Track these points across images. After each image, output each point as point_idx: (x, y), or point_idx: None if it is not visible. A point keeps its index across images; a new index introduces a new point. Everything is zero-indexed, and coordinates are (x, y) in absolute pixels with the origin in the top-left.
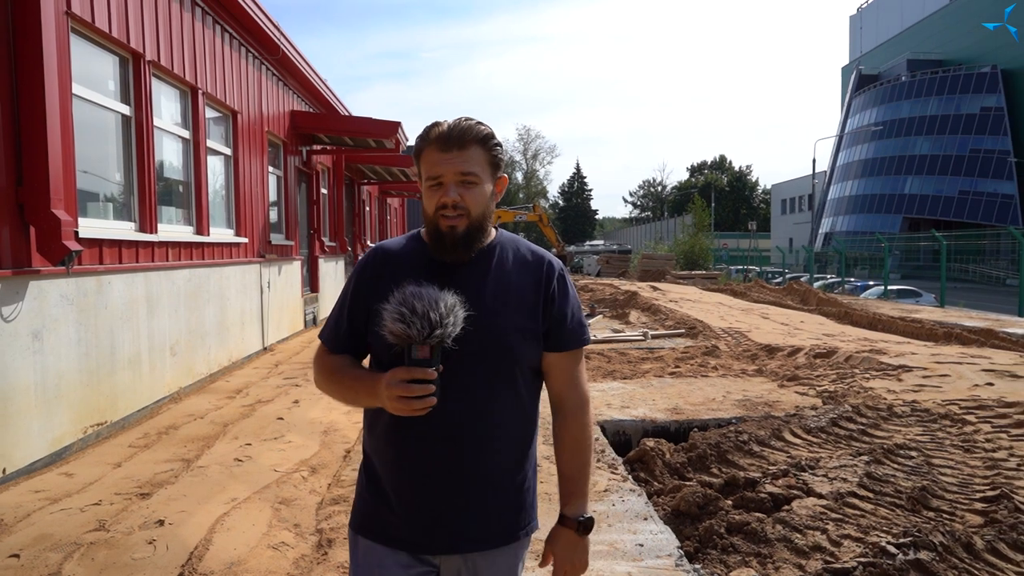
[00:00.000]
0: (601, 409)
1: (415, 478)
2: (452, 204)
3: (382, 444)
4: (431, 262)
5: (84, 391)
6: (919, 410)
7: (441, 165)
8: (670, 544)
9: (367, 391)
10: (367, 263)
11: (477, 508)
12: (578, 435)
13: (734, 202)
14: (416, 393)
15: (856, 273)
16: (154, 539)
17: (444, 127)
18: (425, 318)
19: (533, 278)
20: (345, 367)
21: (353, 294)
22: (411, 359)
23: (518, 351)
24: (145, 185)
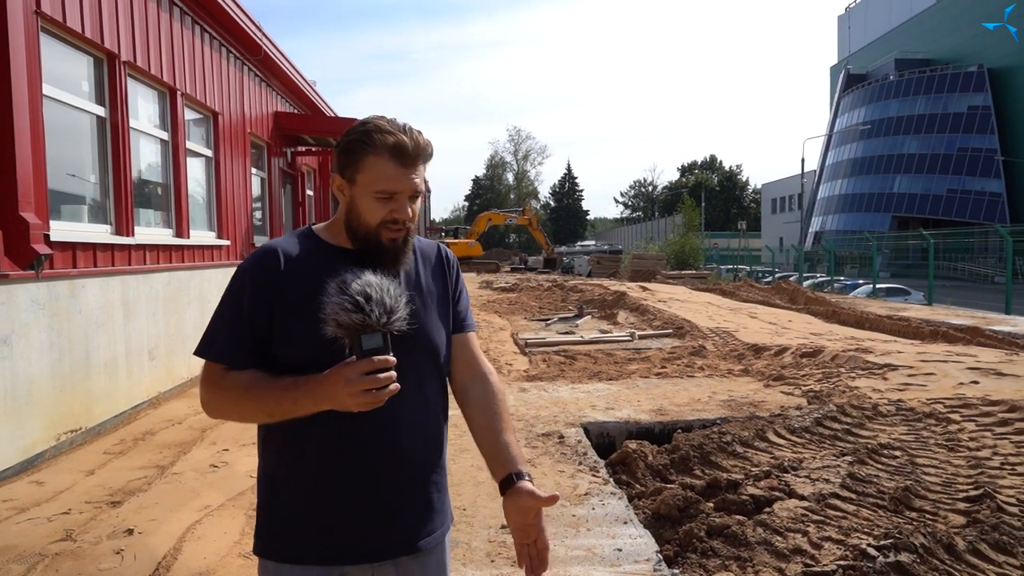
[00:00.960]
0: (585, 411)
1: (351, 488)
2: (404, 221)
3: (310, 460)
4: (337, 259)
5: (57, 397)
6: (904, 409)
7: (400, 181)
8: (649, 549)
9: (310, 397)
10: (260, 265)
11: (419, 507)
12: (500, 398)
13: (725, 202)
14: (382, 383)
15: (846, 272)
16: (122, 549)
17: (402, 139)
18: (381, 304)
19: (437, 269)
20: (265, 380)
21: (250, 300)
22: (363, 350)
23: (441, 342)
24: (121, 187)
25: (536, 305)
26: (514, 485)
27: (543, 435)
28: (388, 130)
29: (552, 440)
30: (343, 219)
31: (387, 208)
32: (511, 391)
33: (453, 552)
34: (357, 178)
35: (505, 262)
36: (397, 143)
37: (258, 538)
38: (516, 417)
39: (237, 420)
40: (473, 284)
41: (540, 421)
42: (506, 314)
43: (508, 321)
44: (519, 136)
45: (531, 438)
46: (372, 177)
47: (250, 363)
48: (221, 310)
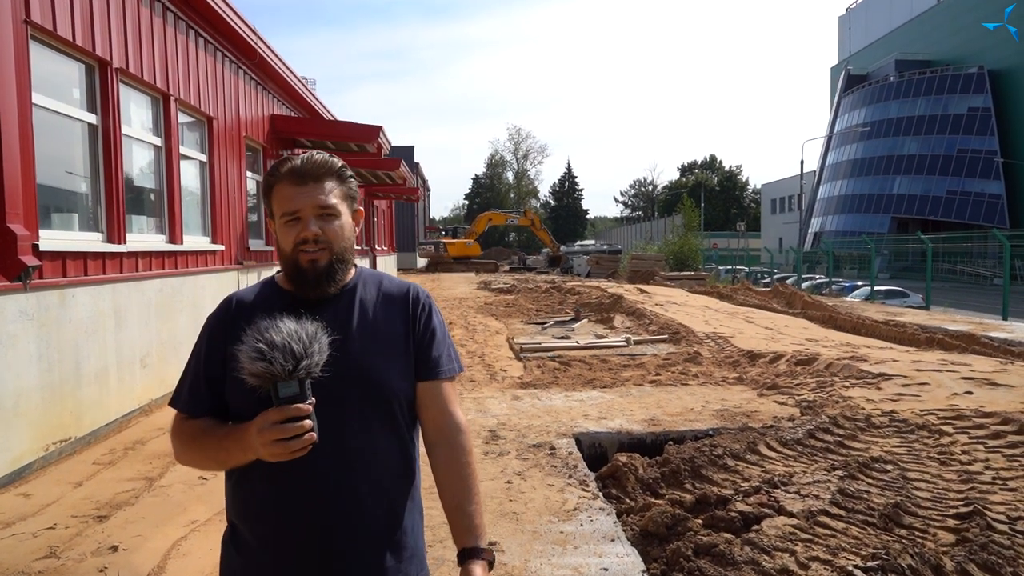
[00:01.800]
0: (578, 420)
1: (297, 541)
2: (313, 238)
3: (255, 508)
4: (287, 303)
5: (46, 407)
6: (897, 420)
7: (297, 199)
8: (635, 568)
9: (239, 446)
10: (217, 315)
11: (368, 567)
12: (464, 461)
13: (724, 202)
14: (293, 433)
15: (845, 273)
16: (105, 567)
17: (296, 162)
18: (287, 350)
19: (400, 310)
20: (210, 429)
21: (206, 349)
22: (279, 398)
23: (392, 385)
24: (113, 195)
25: (533, 308)
26: (465, 562)
27: (534, 446)
28: (287, 159)
29: (543, 452)
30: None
31: (296, 230)
32: (505, 399)
33: (438, 571)
34: (274, 211)
35: (504, 261)
36: (291, 167)
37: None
38: (508, 427)
39: (199, 468)
40: (471, 284)
41: (532, 431)
42: (503, 317)
43: (504, 324)
44: (519, 135)
45: (522, 449)
46: (278, 204)
47: (205, 412)
48: (188, 361)
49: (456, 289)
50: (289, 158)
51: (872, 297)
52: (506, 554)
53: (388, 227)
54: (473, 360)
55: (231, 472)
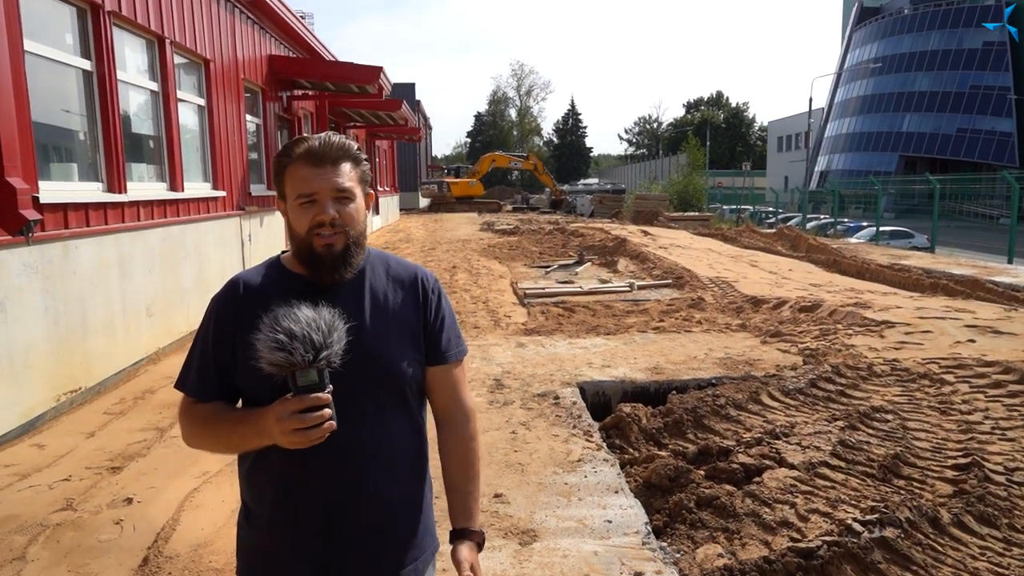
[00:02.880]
0: (582, 368)
1: (313, 524)
2: (330, 222)
3: (271, 491)
4: (298, 288)
5: (55, 359)
6: (899, 369)
7: (314, 181)
8: (638, 520)
9: (254, 431)
10: (222, 298)
11: (384, 544)
12: (468, 446)
13: (730, 139)
14: (313, 422)
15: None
16: (121, 519)
17: (313, 143)
18: (307, 341)
19: (410, 295)
20: (222, 413)
21: (214, 334)
22: (298, 387)
23: (405, 372)
24: (111, 143)
25: (537, 250)
26: (455, 541)
27: (539, 395)
28: (302, 139)
29: (548, 401)
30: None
31: (311, 213)
32: (509, 346)
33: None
34: (286, 192)
35: (507, 200)
36: (308, 148)
37: (237, 559)
38: (512, 375)
39: (209, 451)
40: (474, 226)
41: (536, 380)
42: (506, 260)
43: (508, 268)
44: (522, 71)
45: (527, 399)
46: (292, 186)
47: (215, 396)
48: (194, 343)
49: (459, 230)
50: (304, 138)
51: (877, 238)
52: (512, 506)
53: (390, 167)
54: (477, 306)
55: (244, 456)
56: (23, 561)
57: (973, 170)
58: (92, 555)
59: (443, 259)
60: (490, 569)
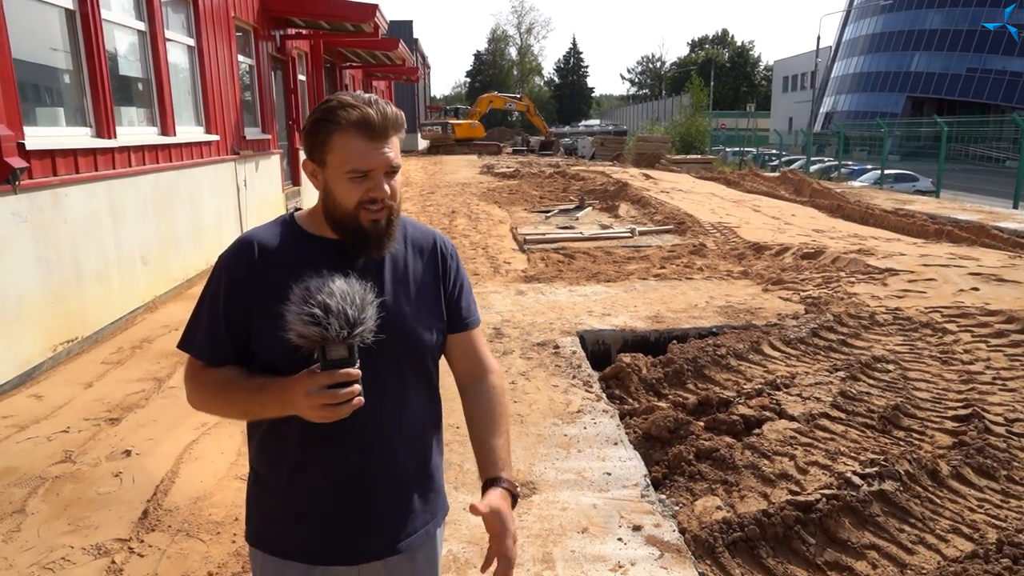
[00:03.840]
0: (582, 316)
1: (330, 493)
2: (383, 198)
3: (289, 459)
4: (318, 252)
5: (49, 309)
6: (901, 318)
7: (371, 157)
8: (638, 472)
9: (277, 402)
10: (234, 259)
11: (400, 509)
12: (495, 399)
13: (735, 79)
14: (343, 398)
15: (855, 155)
16: (120, 471)
17: (370, 112)
18: (342, 316)
19: (429, 261)
20: (238, 380)
21: (227, 297)
22: (328, 361)
23: (427, 341)
24: (98, 87)
25: (537, 194)
26: (486, 490)
27: (538, 345)
28: (351, 104)
29: (547, 350)
30: (321, 206)
31: (362, 188)
32: (509, 294)
33: (446, 474)
34: (327, 160)
35: (507, 141)
36: (363, 117)
37: (247, 525)
38: (512, 324)
39: (217, 415)
40: (474, 169)
41: (536, 329)
42: (506, 204)
43: (508, 213)
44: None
45: (526, 348)
46: (342, 157)
47: (227, 360)
48: (201, 303)
49: (458, 174)
50: (352, 103)
51: (881, 182)
52: (511, 457)
53: None
54: (477, 252)
55: (258, 424)
56: (23, 514)
57: (981, 111)
58: (92, 508)
59: (442, 204)
60: None
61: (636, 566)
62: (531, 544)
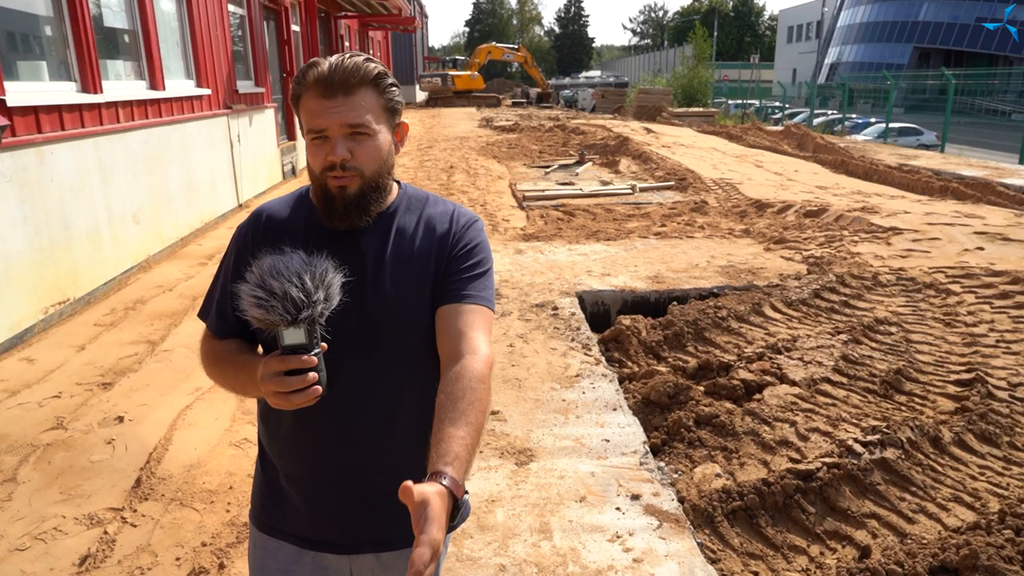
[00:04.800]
0: (581, 276)
1: (322, 477)
2: (340, 163)
3: (282, 439)
4: (319, 229)
5: (39, 270)
6: (905, 279)
7: (324, 115)
8: (636, 439)
9: (252, 383)
10: (247, 230)
11: (394, 505)
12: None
13: (739, 29)
14: (293, 387)
15: (859, 108)
16: (113, 439)
17: (323, 67)
18: (286, 298)
19: (439, 238)
20: (231, 354)
21: (233, 269)
22: (284, 346)
23: (425, 326)
24: (82, 39)
25: (536, 148)
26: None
27: (537, 306)
28: (316, 62)
29: (546, 312)
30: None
31: (323, 151)
32: (507, 252)
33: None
34: (301, 123)
35: (507, 93)
36: (318, 74)
37: (252, 501)
38: (510, 284)
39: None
40: (472, 122)
41: (535, 289)
42: (505, 159)
43: (507, 168)
44: None
45: (524, 309)
46: (305, 119)
47: (231, 334)
48: (216, 274)
49: (457, 127)
50: (316, 62)
51: (885, 136)
52: (508, 423)
53: (385, 60)
54: (475, 208)
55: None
56: (14, 483)
57: (989, 63)
58: (84, 476)
59: (440, 158)
60: (486, 490)
61: (634, 536)
62: (528, 513)
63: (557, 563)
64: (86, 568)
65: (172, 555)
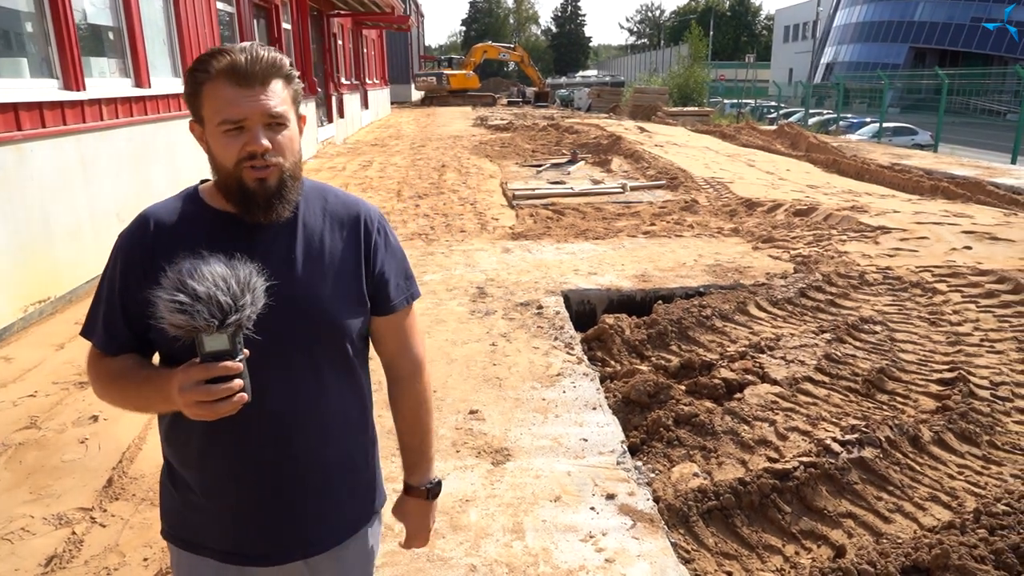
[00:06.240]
0: (568, 276)
1: (241, 489)
2: (263, 152)
3: (194, 453)
4: (219, 228)
5: (18, 269)
6: (891, 278)
7: (241, 104)
8: (615, 439)
9: (160, 397)
10: (132, 238)
11: (319, 508)
12: (416, 402)
13: (735, 28)
14: (220, 395)
15: (855, 108)
16: (86, 438)
17: (238, 57)
18: (213, 303)
19: (352, 236)
20: (129, 370)
21: (122, 281)
22: (205, 354)
23: (344, 325)
24: (64, 35)
25: (530, 148)
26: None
27: (521, 304)
28: (221, 51)
29: (530, 311)
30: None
31: (239, 142)
32: (495, 251)
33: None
34: (203, 116)
35: (502, 92)
36: (231, 62)
37: (161, 520)
38: (496, 283)
39: (122, 408)
40: (467, 121)
41: (520, 288)
42: (497, 158)
43: (499, 167)
44: None
45: (509, 308)
46: (213, 107)
47: (123, 349)
48: (99, 287)
49: (451, 126)
50: (223, 50)
51: (879, 135)
52: (487, 423)
53: (379, 59)
54: (465, 208)
55: (163, 415)
56: None
57: (985, 63)
58: (55, 476)
59: (433, 156)
60: (461, 490)
61: (607, 536)
62: (502, 513)
63: (528, 563)
64: (52, 569)
65: (140, 555)
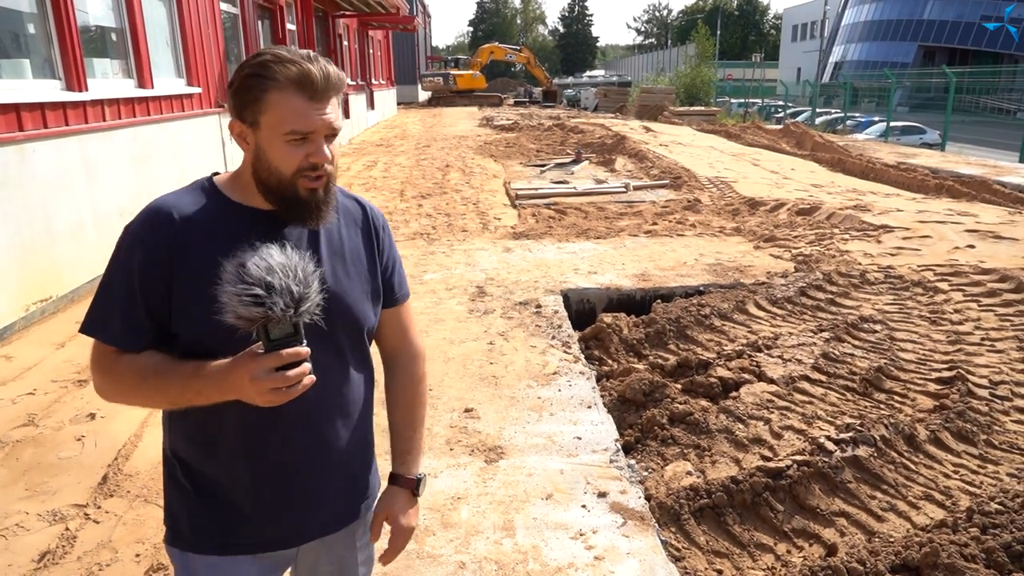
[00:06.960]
0: (568, 275)
1: (274, 476)
2: (323, 164)
3: (227, 446)
4: (250, 224)
5: (20, 269)
6: (893, 276)
7: (312, 118)
8: (608, 437)
9: (215, 386)
10: (149, 232)
11: (340, 488)
12: (414, 391)
13: (743, 28)
14: (294, 380)
15: (863, 107)
16: (83, 435)
17: (311, 69)
18: (287, 293)
19: (362, 232)
20: (165, 364)
21: (143, 275)
22: (272, 341)
23: (366, 316)
24: (66, 36)
25: (534, 148)
26: (389, 485)
27: (520, 303)
28: (290, 59)
29: (529, 310)
30: (250, 172)
31: (302, 152)
32: (496, 251)
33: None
34: (261, 120)
35: (509, 92)
36: (303, 73)
37: (172, 531)
38: (496, 282)
39: (139, 405)
40: (472, 121)
41: (520, 287)
42: (502, 158)
43: (503, 167)
44: None
45: (508, 307)
46: (279, 117)
47: (147, 345)
48: (108, 281)
49: (457, 126)
50: (289, 57)
51: (887, 135)
52: (481, 421)
53: (385, 59)
54: (467, 207)
55: (183, 413)
56: None
57: (995, 61)
58: (51, 473)
59: (437, 157)
60: (452, 488)
61: (598, 534)
62: (493, 511)
63: (517, 560)
64: (44, 564)
65: (132, 552)
